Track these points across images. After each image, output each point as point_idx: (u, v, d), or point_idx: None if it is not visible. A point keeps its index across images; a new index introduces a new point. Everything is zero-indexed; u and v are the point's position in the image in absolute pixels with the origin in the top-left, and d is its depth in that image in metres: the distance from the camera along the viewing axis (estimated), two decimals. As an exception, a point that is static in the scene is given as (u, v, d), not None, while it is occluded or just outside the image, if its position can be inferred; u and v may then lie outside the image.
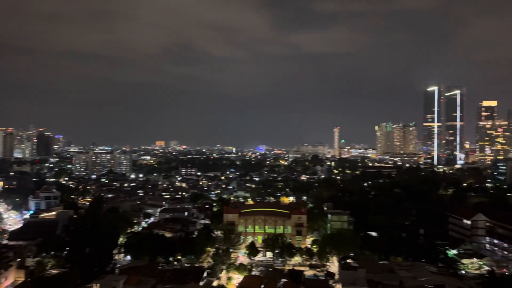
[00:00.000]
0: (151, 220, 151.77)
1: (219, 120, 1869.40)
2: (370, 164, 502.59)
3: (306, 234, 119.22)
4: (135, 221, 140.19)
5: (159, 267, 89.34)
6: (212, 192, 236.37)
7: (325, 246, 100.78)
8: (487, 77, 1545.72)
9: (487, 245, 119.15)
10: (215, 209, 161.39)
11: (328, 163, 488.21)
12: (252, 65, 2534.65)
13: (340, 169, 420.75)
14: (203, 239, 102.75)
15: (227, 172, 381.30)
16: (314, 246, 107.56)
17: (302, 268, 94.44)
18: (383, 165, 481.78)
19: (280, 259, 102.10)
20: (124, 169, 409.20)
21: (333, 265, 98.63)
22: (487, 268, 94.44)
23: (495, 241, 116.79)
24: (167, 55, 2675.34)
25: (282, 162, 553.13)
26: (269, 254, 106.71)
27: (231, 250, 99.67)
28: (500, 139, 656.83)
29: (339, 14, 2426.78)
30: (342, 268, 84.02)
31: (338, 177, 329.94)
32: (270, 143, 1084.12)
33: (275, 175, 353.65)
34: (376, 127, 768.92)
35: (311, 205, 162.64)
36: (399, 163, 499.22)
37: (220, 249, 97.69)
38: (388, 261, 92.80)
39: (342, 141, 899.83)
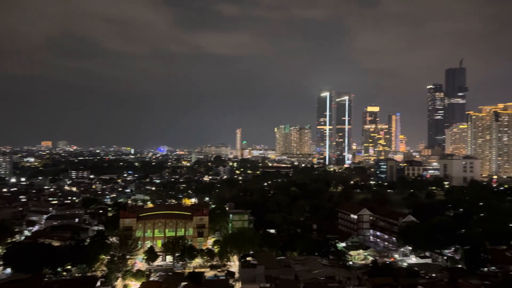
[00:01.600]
0: (36, 228, 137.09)
1: (116, 119, 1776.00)
2: (270, 164, 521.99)
3: (207, 235, 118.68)
4: (16, 229, 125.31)
5: (46, 279, 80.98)
6: (107, 196, 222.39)
7: (226, 246, 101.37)
8: (371, 84, 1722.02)
9: (371, 237, 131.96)
10: (110, 214, 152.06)
11: (231, 163, 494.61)
12: (152, 62, 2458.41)
13: (242, 169, 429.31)
14: (96, 246, 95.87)
15: (125, 175, 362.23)
16: (215, 247, 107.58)
17: (203, 270, 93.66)
18: (282, 165, 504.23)
19: (181, 262, 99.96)
20: (3, 172, 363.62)
21: (234, 264, 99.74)
22: (371, 258, 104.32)
23: (378, 233, 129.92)
24: (55, 47, 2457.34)
25: (184, 163, 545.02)
26: (169, 258, 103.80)
27: (127, 257, 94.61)
28: (382, 141, 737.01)
29: (241, 18, 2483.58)
30: (242, 266, 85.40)
31: (240, 177, 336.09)
32: (172, 144, 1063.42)
33: (177, 176, 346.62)
34: (275, 129, 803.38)
35: (213, 206, 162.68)
36: (295, 163, 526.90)
37: (116, 256, 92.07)
38: (285, 256, 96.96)
39: (244, 142, 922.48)
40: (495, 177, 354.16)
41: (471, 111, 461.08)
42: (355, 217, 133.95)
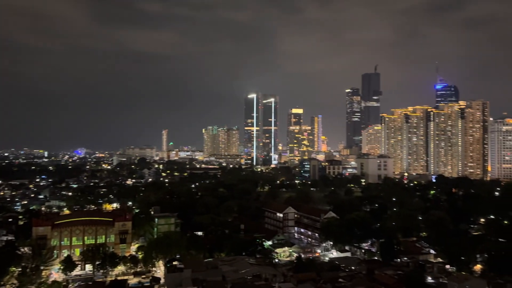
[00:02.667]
0: None
1: (27, 119, 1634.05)
2: (198, 166, 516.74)
3: (131, 241, 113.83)
4: None
5: None
6: (18, 203, 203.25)
7: (151, 251, 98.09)
8: (295, 87, 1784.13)
9: (296, 234, 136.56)
10: (21, 222, 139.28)
11: (156, 166, 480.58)
12: (68, 58, 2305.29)
13: (168, 171, 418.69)
14: (5, 258, 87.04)
15: (37, 179, 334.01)
16: (139, 253, 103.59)
17: (126, 277, 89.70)
18: (210, 166, 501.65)
19: (102, 271, 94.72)
20: None
21: (160, 270, 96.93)
22: (296, 254, 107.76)
23: (302, 230, 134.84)
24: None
25: (105, 166, 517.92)
26: (88, 267, 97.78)
27: (42, 268, 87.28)
28: (305, 142, 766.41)
29: (166, 17, 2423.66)
30: (168, 271, 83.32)
31: (167, 180, 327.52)
32: (91, 146, 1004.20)
33: (96, 180, 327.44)
34: (203, 130, 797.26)
35: (137, 211, 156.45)
36: (224, 164, 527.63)
37: (28, 268, 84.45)
38: (212, 258, 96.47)
39: (171, 143, 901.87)
40: (406, 174, 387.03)
41: (385, 114, 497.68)
42: (281, 215, 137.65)
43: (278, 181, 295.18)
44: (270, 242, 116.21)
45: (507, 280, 78.76)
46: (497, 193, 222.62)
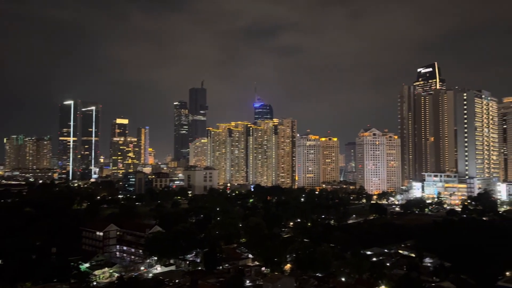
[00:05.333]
0: None
1: None
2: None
3: None
4: None
5: None
6: None
7: None
8: (120, 96, 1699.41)
9: (118, 253, 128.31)
10: None
11: None
12: None
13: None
14: None
15: None
16: None
17: None
18: (13, 182, 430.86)
19: None
20: None
21: None
22: (117, 274, 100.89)
23: (124, 248, 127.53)
24: None
25: None
26: None
27: None
28: (131, 154, 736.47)
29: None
30: None
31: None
32: None
33: None
34: (5, 140, 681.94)
35: None
36: (31, 180, 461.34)
37: None
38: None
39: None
40: (229, 184, 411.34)
41: (211, 128, 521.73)
42: (101, 234, 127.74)
43: (98, 197, 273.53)
44: (87, 264, 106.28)
45: (310, 275, 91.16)
46: (302, 199, 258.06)
